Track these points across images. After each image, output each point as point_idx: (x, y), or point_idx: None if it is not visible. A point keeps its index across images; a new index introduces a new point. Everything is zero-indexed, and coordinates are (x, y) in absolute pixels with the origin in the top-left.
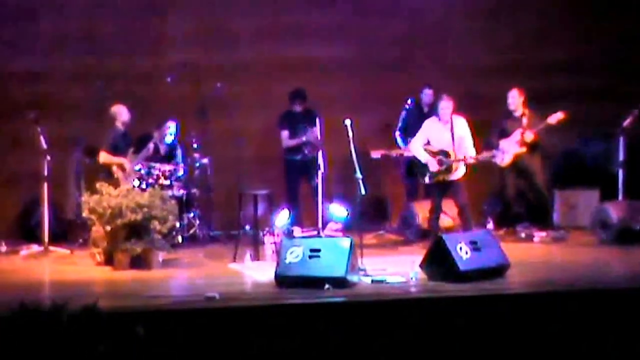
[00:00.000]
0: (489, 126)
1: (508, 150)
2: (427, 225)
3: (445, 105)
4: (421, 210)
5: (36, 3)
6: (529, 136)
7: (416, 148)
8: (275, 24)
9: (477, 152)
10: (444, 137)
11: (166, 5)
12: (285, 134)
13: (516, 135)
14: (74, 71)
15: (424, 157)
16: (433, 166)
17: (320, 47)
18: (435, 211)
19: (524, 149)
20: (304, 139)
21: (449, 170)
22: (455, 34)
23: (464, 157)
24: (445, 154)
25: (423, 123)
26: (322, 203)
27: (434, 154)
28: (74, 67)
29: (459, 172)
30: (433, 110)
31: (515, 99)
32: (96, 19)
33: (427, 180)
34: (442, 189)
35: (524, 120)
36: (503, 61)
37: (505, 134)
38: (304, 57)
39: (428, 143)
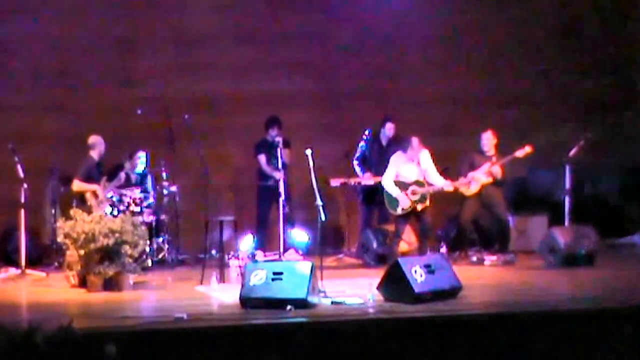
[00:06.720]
0: (444, 154)
1: (476, 180)
2: (390, 247)
3: (416, 147)
4: (379, 235)
5: (10, 39)
6: (497, 171)
7: (388, 184)
8: (241, 58)
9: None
10: (412, 170)
11: (136, 39)
12: (263, 158)
13: (484, 167)
14: (48, 104)
15: (395, 192)
16: (405, 203)
17: (283, 80)
18: (398, 236)
19: (490, 179)
20: (280, 166)
21: (424, 198)
22: (412, 67)
23: (442, 186)
24: (420, 183)
25: (381, 155)
26: (284, 228)
27: (407, 185)
28: (48, 101)
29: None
30: (393, 144)
31: (489, 141)
32: (68, 53)
33: (399, 211)
34: (409, 216)
35: (493, 159)
36: (455, 92)
37: (473, 166)
38: (269, 90)
39: (396, 176)
